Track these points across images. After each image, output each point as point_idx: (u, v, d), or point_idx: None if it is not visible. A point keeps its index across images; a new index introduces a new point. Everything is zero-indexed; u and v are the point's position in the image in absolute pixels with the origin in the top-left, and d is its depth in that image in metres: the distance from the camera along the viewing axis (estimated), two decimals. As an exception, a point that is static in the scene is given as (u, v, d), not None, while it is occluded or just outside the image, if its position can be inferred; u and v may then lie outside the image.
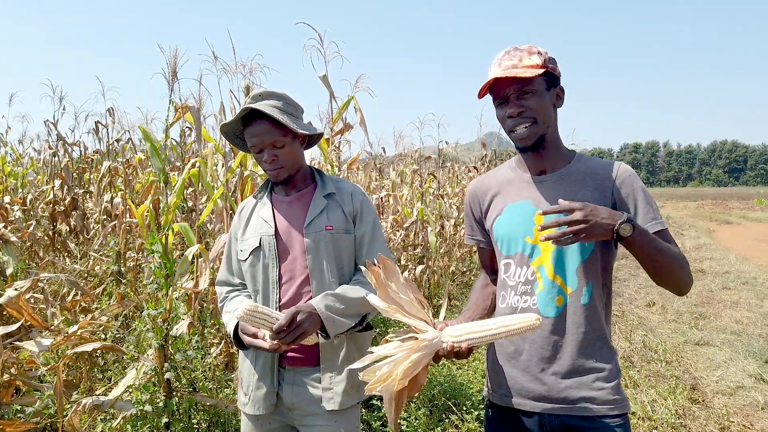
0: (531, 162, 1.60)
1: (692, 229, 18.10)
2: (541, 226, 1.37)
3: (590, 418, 1.47)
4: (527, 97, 1.47)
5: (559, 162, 1.57)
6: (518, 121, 1.49)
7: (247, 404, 1.84)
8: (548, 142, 1.55)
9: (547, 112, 1.50)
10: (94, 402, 2.47)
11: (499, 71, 1.46)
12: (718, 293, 8.01)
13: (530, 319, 1.32)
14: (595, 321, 1.51)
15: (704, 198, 45.97)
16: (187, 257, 2.85)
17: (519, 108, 1.47)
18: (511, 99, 1.48)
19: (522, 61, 1.46)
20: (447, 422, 3.46)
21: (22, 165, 7.17)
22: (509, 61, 1.47)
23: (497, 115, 1.56)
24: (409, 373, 1.34)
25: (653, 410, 3.86)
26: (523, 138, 1.50)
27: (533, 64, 1.46)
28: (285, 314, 1.61)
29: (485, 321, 1.40)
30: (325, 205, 1.83)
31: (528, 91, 1.47)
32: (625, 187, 1.50)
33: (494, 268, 1.76)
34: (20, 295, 2.47)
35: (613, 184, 1.50)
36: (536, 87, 1.47)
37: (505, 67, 1.47)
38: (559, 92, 1.54)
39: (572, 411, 1.48)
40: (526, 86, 1.46)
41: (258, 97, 1.77)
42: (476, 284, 1.83)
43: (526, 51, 1.48)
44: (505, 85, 1.48)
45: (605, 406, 1.47)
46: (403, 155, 8.65)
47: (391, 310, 1.37)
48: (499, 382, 1.61)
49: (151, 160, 3.17)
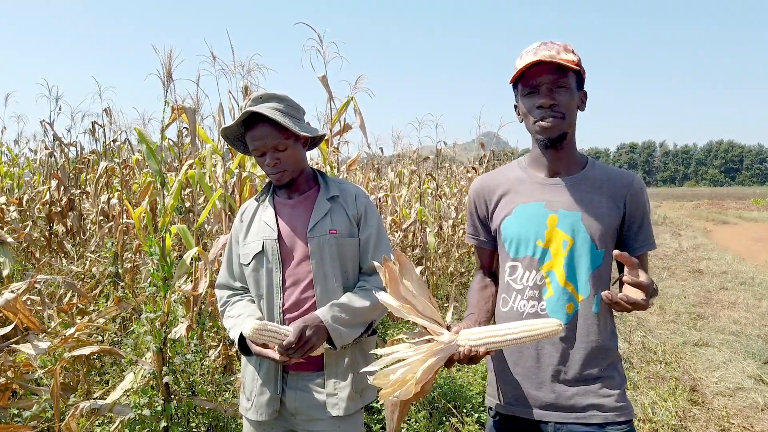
0: (548, 161, 1.55)
1: (689, 229, 18.14)
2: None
3: (597, 425, 1.45)
4: (560, 91, 1.44)
5: (573, 165, 1.55)
6: (548, 113, 1.45)
7: (250, 410, 1.81)
8: (568, 143, 1.52)
9: (574, 112, 1.49)
10: (91, 406, 2.45)
11: (538, 57, 1.42)
12: (715, 294, 8.02)
13: (553, 325, 1.28)
14: (605, 329, 1.49)
15: (701, 198, 46.07)
16: (185, 260, 2.83)
17: (551, 100, 1.44)
18: (543, 89, 1.44)
19: (560, 54, 1.43)
20: (447, 425, 3.44)
21: (18, 165, 7.12)
22: (547, 51, 1.43)
23: (524, 106, 1.50)
24: (425, 377, 1.27)
25: (653, 412, 3.85)
26: (549, 128, 1.45)
27: (570, 60, 1.43)
28: (293, 330, 1.59)
29: (504, 325, 1.35)
30: (328, 209, 1.80)
31: (562, 84, 1.44)
32: (637, 203, 1.51)
33: (493, 269, 1.74)
34: (17, 297, 2.45)
35: (627, 195, 1.50)
36: (570, 83, 1.45)
37: (543, 56, 1.42)
38: (583, 96, 1.53)
39: (580, 419, 1.46)
40: (562, 79, 1.43)
41: (259, 100, 1.74)
42: (474, 285, 1.75)
43: (563, 47, 1.45)
44: (540, 74, 1.44)
45: (612, 413, 1.45)
46: (402, 155, 8.64)
47: (404, 309, 1.30)
48: (504, 390, 1.58)
49: (147, 162, 3.14)
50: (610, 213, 1.48)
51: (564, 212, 1.49)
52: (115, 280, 4.41)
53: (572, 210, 1.49)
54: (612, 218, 1.48)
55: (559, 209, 1.50)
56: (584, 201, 1.49)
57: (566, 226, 1.48)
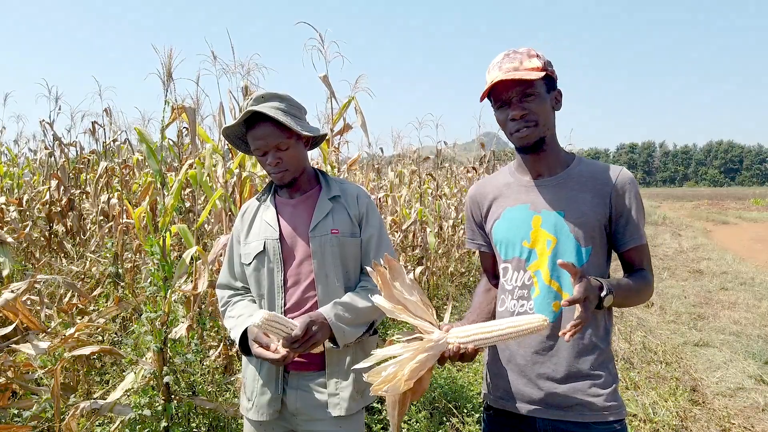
0: (530, 164, 1.59)
1: (689, 230, 18.15)
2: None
3: (586, 423, 1.46)
4: (529, 100, 1.46)
5: (557, 165, 1.57)
6: (521, 123, 1.47)
7: (251, 410, 1.81)
8: (547, 145, 1.54)
9: (548, 115, 1.50)
10: (91, 406, 2.44)
11: (501, 74, 1.44)
12: (716, 294, 8.02)
13: (538, 320, 1.31)
14: (592, 327, 1.50)
15: (700, 198, 46.10)
16: (185, 259, 2.83)
17: (522, 111, 1.46)
18: (513, 102, 1.47)
19: (523, 63, 1.45)
20: (448, 425, 3.44)
21: (17, 165, 7.12)
22: (510, 63, 1.46)
23: (497, 118, 1.54)
24: (415, 374, 1.32)
25: (654, 412, 3.85)
26: (524, 137, 1.48)
27: (534, 67, 1.45)
28: (299, 324, 1.59)
29: (492, 322, 1.39)
30: (330, 208, 1.80)
31: (530, 93, 1.45)
32: (623, 197, 1.50)
33: (495, 272, 1.76)
34: (17, 297, 2.44)
35: (612, 190, 1.50)
36: (538, 90, 1.46)
37: (506, 69, 1.45)
38: (557, 95, 1.54)
39: (566, 416, 1.47)
40: (528, 89, 1.45)
41: (260, 99, 1.74)
42: (478, 288, 1.82)
43: (525, 54, 1.46)
44: (507, 88, 1.46)
45: (600, 412, 1.46)
46: (402, 155, 8.64)
47: (397, 311, 1.36)
48: (496, 384, 1.62)
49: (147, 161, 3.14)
50: (594, 210, 1.49)
51: (547, 212, 1.52)
52: (115, 280, 4.41)
53: (555, 209, 1.51)
54: (597, 215, 1.48)
55: (542, 210, 1.52)
56: (567, 199, 1.50)
57: (549, 225, 1.50)
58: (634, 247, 1.51)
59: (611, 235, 1.53)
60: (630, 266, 1.56)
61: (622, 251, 1.54)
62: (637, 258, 1.54)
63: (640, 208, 1.52)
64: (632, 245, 1.51)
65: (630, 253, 1.53)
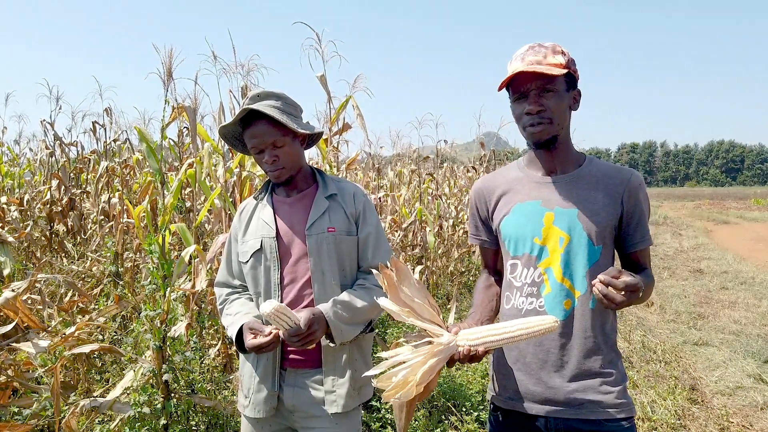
0: (542, 161, 1.58)
1: (690, 229, 18.13)
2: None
3: (596, 421, 1.45)
4: (548, 96, 1.45)
5: (569, 163, 1.56)
6: (535, 119, 1.46)
7: (248, 407, 1.82)
8: (560, 143, 1.53)
9: (564, 114, 1.49)
10: (91, 404, 2.45)
11: (522, 66, 1.43)
12: (716, 293, 8.01)
13: (548, 321, 1.30)
14: (603, 325, 1.50)
15: (701, 198, 46.04)
16: (183, 258, 2.84)
17: (539, 106, 1.45)
18: (531, 95, 1.46)
19: (546, 58, 1.43)
20: (446, 423, 3.45)
21: (18, 165, 7.14)
22: (533, 56, 1.44)
23: (513, 111, 1.53)
24: (426, 378, 1.31)
25: (653, 411, 3.85)
26: (537, 133, 1.47)
27: (557, 63, 1.43)
28: (303, 319, 1.59)
29: (501, 324, 1.38)
30: (327, 207, 1.81)
31: (549, 89, 1.44)
32: (634, 199, 1.50)
33: (497, 268, 1.75)
34: (17, 296, 2.45)
35: (624, 191, 1.50)
36: (558, 87, 1.45)
37: (529, 62, 1.43)
38: (576, 95, 1.53)
39: (578, 414, 1.46)
40: (549, 84, 1.44)
41: (256, 98, 1.75)
42: (478, 285, 1.78)
43: (551, 49, 1.45)
44: (527, 81, 1.45)
45: (611, 409, 1.45)
46: (401, 155, 8.64)
47: (404, 314, 1.34)
48: (504, 385, 1.59)
49: (148, 161, 3.15)
50: (606, 209, 1.49)
51: (560, 210, 1.50)
52: (116, 279, 4.42)
53: (568, 207, 1.50)
54: (609, 214, 1.49)
55: (555, 207, 1.51)
56: (581, 198, 1.49)
57: (563, 223, 1.49)
58: (643, 248, 1.52)
59: (619, 236, 1.53)
60: (635, 266, 1.56)
61: (630, 252, 1.54)
62: (643, 259, 1.55)
63: (648, 210, 1.53)
64: (641, 247, 1.52)
65: (637, 254, 1.54)
